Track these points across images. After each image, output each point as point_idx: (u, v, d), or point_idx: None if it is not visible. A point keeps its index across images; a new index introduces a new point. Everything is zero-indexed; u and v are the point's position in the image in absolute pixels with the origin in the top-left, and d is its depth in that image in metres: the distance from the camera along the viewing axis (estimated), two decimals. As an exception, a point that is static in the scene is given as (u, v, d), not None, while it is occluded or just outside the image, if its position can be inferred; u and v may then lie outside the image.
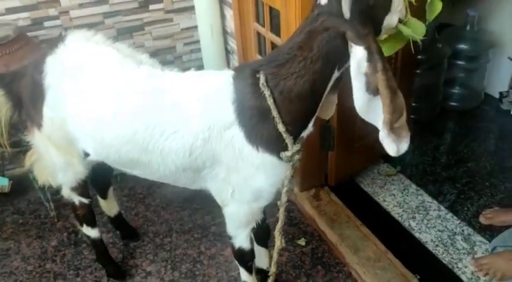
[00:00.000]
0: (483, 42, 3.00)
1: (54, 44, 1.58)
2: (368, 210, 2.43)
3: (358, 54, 1.20)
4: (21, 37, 2.30)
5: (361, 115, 1.29)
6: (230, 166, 1.46)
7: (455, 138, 2.97)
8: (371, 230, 2.26)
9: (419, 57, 2.71)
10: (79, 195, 1.88)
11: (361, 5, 1.19)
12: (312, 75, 1.30)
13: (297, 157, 1.42)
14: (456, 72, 3.09)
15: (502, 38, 2.98)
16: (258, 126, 1.38)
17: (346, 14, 1.18)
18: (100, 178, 2.04)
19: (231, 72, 1.44)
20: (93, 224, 2.01)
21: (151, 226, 2.43)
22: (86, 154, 1.68)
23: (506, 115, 2.96)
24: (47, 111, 1.60)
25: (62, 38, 1.59)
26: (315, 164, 2.40)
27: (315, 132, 1.47)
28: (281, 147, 1.39)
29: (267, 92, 1.33)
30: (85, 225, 2.00)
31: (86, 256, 2.28)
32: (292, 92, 1.33)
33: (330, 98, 1.45)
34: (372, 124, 2.61)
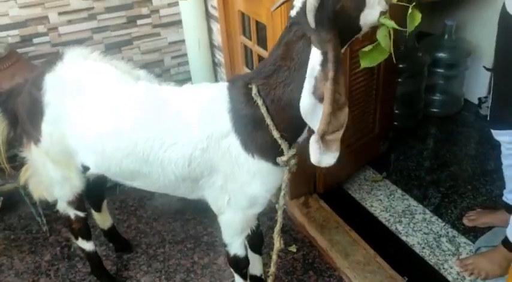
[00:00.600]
0: (461, 51, 3.08)
1: (52, 62, 1.61)
2: (356, 215, 2.46)
3: (314, 57, 1.26)
4: (12, 54, 2.33)
5: (303, 116, 1.33)
6: (227, 174, 1.51)
7: (437, 143, 3.03)
8: (360, 234, 2.29)
9: (400, 65, 2.79)
10: (75, 209, 1.90)
11: (326, 12, 1.23)
12: (297, 83, 1.34)
13: (293, 161, 1.46)
14: (436, 79, 3.16)
15: (479, 46, 3.06)
16: (253, 134, 1.43)
17: (312, 24, 1.23)
18: (94, 191, 2.05)
19: (225, 84, 1.50)
20: (88, 237, 2.02)
21: (144, 238, 2.44)
22: (85, 168, 1.70)
23: (485, 120, 3.03)
24: (45, 127, 1.62)
25: (60, 56, 1.62)
26: (303, 173, 2.41)
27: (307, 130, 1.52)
28: (276, 154, 1.44)
29: (259, 101, 1.38)
30: (80, 238, 2.01)
31: (80, 269, 2.28)
32: (282, 100, 1.38)
33: None
34: (356, 134, 2.68)
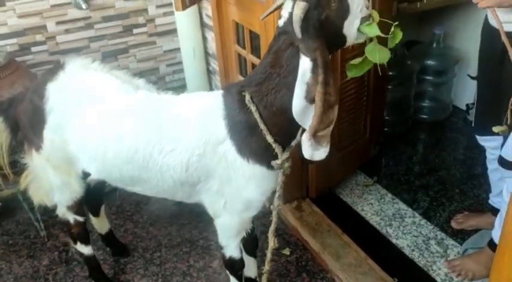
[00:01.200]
0: (449, 58, 3.15)
1: (54, 72, 1.66)
2: (348, 219, 2.50)
3: (304, 65, 1.31)
4: (12, 63, 2.37)
5: (296, 119, 1.39)
6: (223, 178, 1.55)
7: (426, 148, 3.09)
8: (351, 237, 2.32)
9: (390, 73, 2.86)
10: (74, 213, 1.93)
11: (312, 21, 1.29)
12: (287, 89, 1.39)
13: (287, 164, 1.51)
14: (425, 86, 3.23)
15: (466, 54, 3.13)
16: (248, 139, 1.48)
17: (298, 35, 1.29)
18: (92, 197, 2.09)
19: (220, 91, 1.55)
20: (87, 241, 2.06)
21: (140, 242, 2.48)
22: (85, 174, 1.75)
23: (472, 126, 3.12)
24: (47, 134, 1.66)
25: (62, 66, 1.67)
26: (296, 178, 2.48)
27: (296, 147, 1.58)
28: (270, 158, 1.49)
29: (253, 108, 1.44)
30: (79, 242, 2.04)
31: (78, 273, 2.31)
32: (274, 106, 1.43)
33: None
34: (347, 140, 2.75)
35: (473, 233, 2.33)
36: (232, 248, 1.76)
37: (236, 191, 1.57)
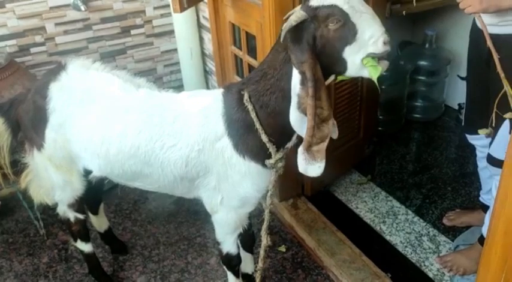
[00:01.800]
0: (441, 59, 3.20)
1: (56, 72, 1.69)
2: (342, 216, 2.54)
3: (294, 76, 1.34)
4: (12, 64, 2.40)
5: (294, 128, 1.42)
6: (220, 174, 1.59)
7: (419, 147, 3.13)
8: (346, 234, 2.36)
9: (384, 73, 2.91)
10: (75, 211, 1.97)
11: (306, 34, 1.31)
12: (281, 92, 1.42)
13: (280, 164, 1.54)
14: (418, 86, 3.28)
15: (457, 54, 3.18)
16: (244, 137, 1.51)
17: (282, 38, 1.31)
18: (91, 195, 2.11)
19: (221, 90, 1.58)
20: (87, 239, 2.09)
21: (139, 240, 2.51)
22: (87, 172, 1.79)
23: (463, 125, 3.17)
24: (49, 133, 1.69)
25: (63, 66, 1.70)
26: (292, 176, 2.46)
27: (292, 147, 1.62)
28: (265, 156, 1.52)
29: (250, 107, 1.46)
30: (79, 240, 2.08)
31: (77, 271, 2.35)
32: (269, 107, 1.46)
33: None
34: (342, 139, 2.78)
35: (465, 230, 2.37)
36: (229, 244, 1.79)
37: (232, 187, 1.60)
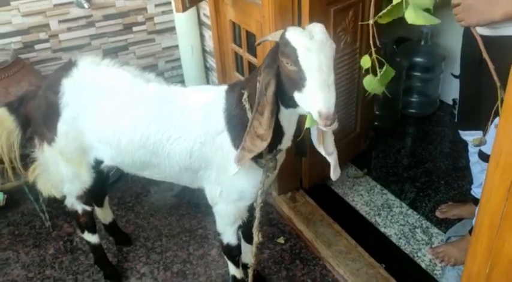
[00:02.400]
0: (436, 55, 3.24)
1: (67, 69, 1.75)
2: (339, 209, 2.59)
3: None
4: (18, 61, 2.46)
5: None
6: (219, 167, 1.66)
7: (414, 141, 3.17)
8: (342, 226, 2.42)
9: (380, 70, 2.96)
10: (83, 203, 2.02)
11: (273, 56, 1.38)
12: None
13: (270, 164, 1.60)
14: (414, 82, 3.32)
15: (452, 51, 3.22)
16: (242, 134, 1.55)
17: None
18: (97, 188, 2.13)
19: (225, 87, 1.65)
20: (93, 230, 2.15)
21: (142, 232, 2.58)
22: (98, 162, 1.85)
23: (457, 120, 3.22)
24: (62, 127, 1.75)
25: (74, 63, 1.76)
26: (290, 170, 2.56)
27: (292, 143, 1.69)
28: (258, 154, 1.56)
29: (247, 106, 1.53)
30: (86, 231, 2.14)
31: (83, 262, 2.41)
32: None
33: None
34: (339, 134, 2.83)
35: (457, 222, 2.43)
36: (229, 235, 1.86)
37: (230, 181, 1.67)
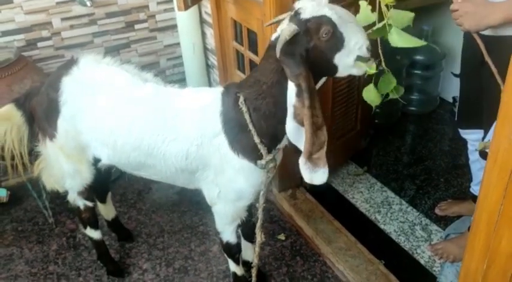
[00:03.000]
0: (437, 53, 3.24)
1: (68, 67, 1.77)
2: (339, 206, 2.61)
3: (290, 88, 1.40)
4: (21, 59, 2.47)
5: (289, 138, 1.48)
6: (217, 169, 1.67)
7: (414, 139, 3.19)
8: (342, 223, 2.44)
9: (380, 68, 2.98)
10: (85, 199, 2.05)
11: (299, 47, 1.37)
12: (272, 98, 1.50)
13: (271, 165, 1.62)
14: (414, 80, 3.33)
15: (452, 49, 3.24)
16: (239, 136, 1.58)
17: (278, 54, 1.37)
18: (99, 184, 2.15)
19: (221, 89, 1.66)
20: (96, 226, 2.17)
21: (144, 228, 2.60)
22: (96, 160, 1.87)
23: (456, 119, 3.23)
24: (61, 124, 1.77)
25: (75, 61, 1.77)
26: (291, 167, 2.48)
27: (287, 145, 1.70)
28: (257, 156, 1.59)
29: (244, 109, 1.54)
30: (89, 227, 2.16)
31: (86, 257, 2.43)
32: (261, 111, 1.54)
33: None
34: (339, 132, 2.86)
35: (456, 219, 2.46)
36: (228, 234, 1.88)
37: (228, 182, 1.68)
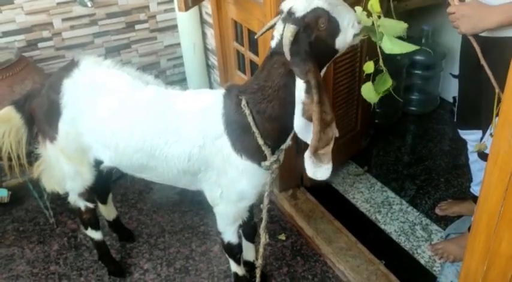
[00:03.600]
0: (437, 53, 3.25)
1: (69, 69, 1.77)
2: (340, 206, 2.61)
3: (299, 86, 1.41)
4: (22, 60, 2.47)
5: (298, 134, 1.50)
6: (220, 170, 1.67)
7: (414, 139, 3.19)
8: (343, 223, 2.44)
9: (380, 68, 2.98)
10: (85, 200, 2.05)
11: (302, 44, 1.38)
12: (278, 100, 1.51)
13: (275, 166, 1.63)
14: (414, 80, 3.34)
15: (453, 49, 3.24)
16: (242, 138, 1.59)
17: (288, 57, 1.39)
18: (100, 185, 2.15)
19: (222, 91, 1.66)
20: (97, 227, 2.18)
21: (145, 228, 2.60)
22: (98, 162, 1.87)
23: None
24: (62, 126, 1.77)
25: (76, 63, 1.77)
26: (291, 167, 2.57)
27: (292, 140, 1.68)
28: (261, 157, 1.60)
29: (247, 111, 1.55)
30: (90, 228, 2.16)
31: (87, 258, 2.44)
32: (265, 113, 1.54)
33: None
34: (340, 132, 2.86)
35: (456, 219, 2.46)
36: (229, 234, 1.88)
37: (230, 183, 1.68)
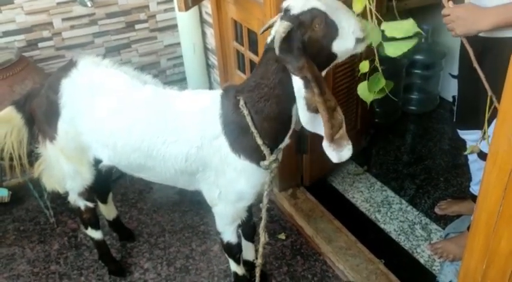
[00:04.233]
0: (437, 53, 3.27)
1: (68, 69, 1.77)
2: (339, 206, 2.62)
3: (296, 83, 1.43)
4: (22, 60, 2.48)
5: (307, 128, 1.51)
6: (218, 170, 1.68)
7: (414, 138, 3.20)
8: (342, 223, 2.45)
9: (380, 67, 2.99)
10: (85, 199, 2.05)
11: (295, 42, 1.39)
12: (275, 99, 1.52)
13: (274, 165, 1.63)
14: (414, 79, 3.35)
15: (452, 48, 3.23)
16: (240, 138, 1.59)
17: (277, 52, 1.40)
18: (100, 185, 2.15)
19: (220, 92, 1.67)
20: (97, 226, 2.18)
21: (145, 228, 2.61)
22: (97, 161, 1.88)
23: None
24: (61, 126, 1.78)
25: (74, 63, 1.78)
26: (291, 167, 2.59)
27: (291, 138, 1.69)
28: (259, 156, 1.61)
29: (245, 112, 1.55)
30: (90, 227, 2.16)
31: (87, 257, 2.44)
32: (263, 113, 1.55)
33: None
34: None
35: (455, 218, 2.46)
36: (228, 234, 1.89)
37: (229, 183, 1.69)
